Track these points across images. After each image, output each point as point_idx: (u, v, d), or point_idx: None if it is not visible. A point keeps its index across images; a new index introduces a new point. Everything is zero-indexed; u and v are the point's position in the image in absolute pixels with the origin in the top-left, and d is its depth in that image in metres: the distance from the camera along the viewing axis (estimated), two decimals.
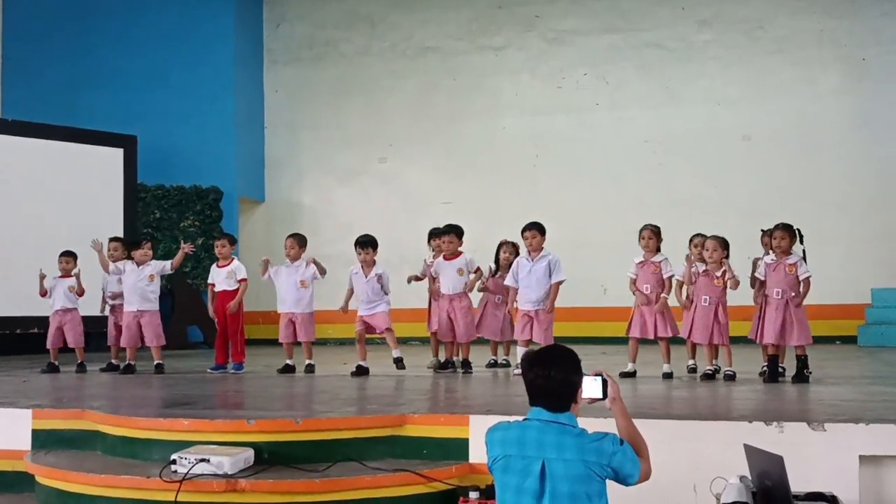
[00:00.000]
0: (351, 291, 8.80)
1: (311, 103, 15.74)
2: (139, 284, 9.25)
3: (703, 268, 7.71)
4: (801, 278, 7.34)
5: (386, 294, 8.70)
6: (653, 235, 8.06)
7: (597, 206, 14.21)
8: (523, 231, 8.33)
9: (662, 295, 7.90)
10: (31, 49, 15.30)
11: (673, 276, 7.96)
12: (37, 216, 12.35)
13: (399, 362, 8.57)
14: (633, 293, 8.07)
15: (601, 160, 14.39)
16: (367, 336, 8.77)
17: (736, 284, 7.66)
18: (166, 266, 9.48)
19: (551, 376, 3.41)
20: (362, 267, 8.73)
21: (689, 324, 7.75)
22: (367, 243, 8.76)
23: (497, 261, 9.20)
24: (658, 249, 8.07)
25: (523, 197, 14.21)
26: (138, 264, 9.33)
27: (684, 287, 7.97)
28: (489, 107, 15.04)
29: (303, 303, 8.97)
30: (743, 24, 14.20)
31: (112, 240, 9.88)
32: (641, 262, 8.05)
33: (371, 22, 15.68)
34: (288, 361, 8.93)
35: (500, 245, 9.29)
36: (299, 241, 9.11)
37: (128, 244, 9.84)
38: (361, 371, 8.44)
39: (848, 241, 13.23)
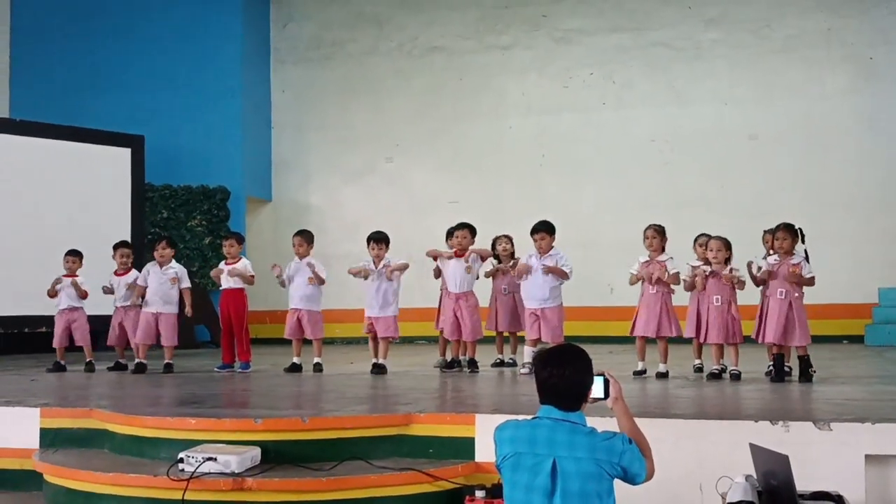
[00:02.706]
0: (364, 270, 8.75)
1: (318, 103, 15.76)
2: (162, 287, 9.23)
3: (710, 269, 7.70)
4: (805, 277, 7.32)
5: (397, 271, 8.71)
6: (656, 234, 8.04)
7: (603, 205, 14.20)
8: (532, 233, 8.31)
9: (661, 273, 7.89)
10: (38, 50, 15.35)
11: (679, 272, 7.95)
12: (44, 216, 12.38)
13: (377, 368, 8.52)
14: (637, 283, 8.05)
15: (607, 160, 14.38)
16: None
17: (742, 285, 7.67)
18: (184, 280, 9.43)
19: (566, 375, 3.44)
20: (374, 262, 8.77)
21: (700, 324, 7.72)
22: (380, 239, 8.81)
23: (496, 256, 9.26)
24: (663, 249, 8.06)
25: (529, 196, 14.22)
26: (160, 265, 9.34)
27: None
28: (495, 106, 15.04)
29: (311, 300, 8.99)
30: (750, 24, 14.17)
31: (119, 245, 9.81)
32: (647, 262, 8.05)
33: (378, 22, 15.69)
34: (295, 360, 8.94)
35: (495, 240, 9.35)
36: (307, 238, 9.14)
37: (137, 245, 9.84)
38: (379, 369, 8.55)
39: (855, 241, 13.20)
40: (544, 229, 8.25)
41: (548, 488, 3.36)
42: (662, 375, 7.77)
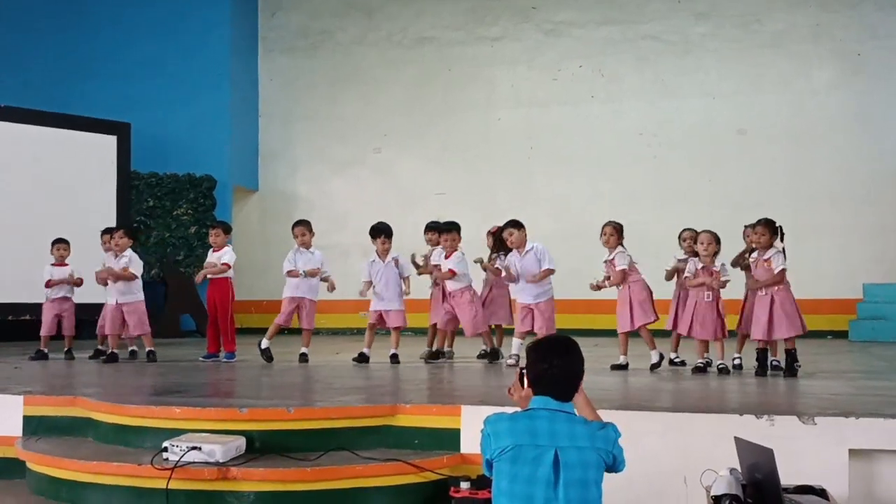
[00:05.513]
0: (369, 283, 8.78)
1: (306, 93, 15.70)
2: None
3: (700, 264, 7.70)
4: (775, 270, 7.28)
5: (403, 278, 8.73)
6: (614, 232, 8.09)
7: (590, 198, 14.20)
8: (501, 232, 8.38)
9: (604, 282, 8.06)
10: (25, 36, 15.23)
11: (625, 268, 7.96)
12: (29, 203, 12.30)
13: (394, 358, 8.56)
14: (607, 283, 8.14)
15: (595, 152, 14.39)
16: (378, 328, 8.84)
17: (721, 285, 7.63)
18: (132, 266, 9.01)
19: (566, 366, 3.49)
20: (378, 255, 8.75)
21: (686, 319, 7.73)
22: (381, 231, 8.79)
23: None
24: (617, 245, 8.09)
25: (517, 188, 14.22)
26: (115, 255, 9.13)
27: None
28: (484, 98, 15.02)
29: (313, 289, 8.95)
30: (739, 18, 14.20)
31: (109, 231, 9.66)
32: (610, 260, 8.10)
33: (367, 11, 15.64)
34: (265, 342, 8.79)
35: (489, 233, 9.31)
36: (310, 228, 9.08)
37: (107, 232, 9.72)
38: (363, 358, 8.57)
39: (841, 236, 13.27)
40: (511, 225, 8.31)
41: (551, 479, 3.37)
42: (656, 366, 7.85)
